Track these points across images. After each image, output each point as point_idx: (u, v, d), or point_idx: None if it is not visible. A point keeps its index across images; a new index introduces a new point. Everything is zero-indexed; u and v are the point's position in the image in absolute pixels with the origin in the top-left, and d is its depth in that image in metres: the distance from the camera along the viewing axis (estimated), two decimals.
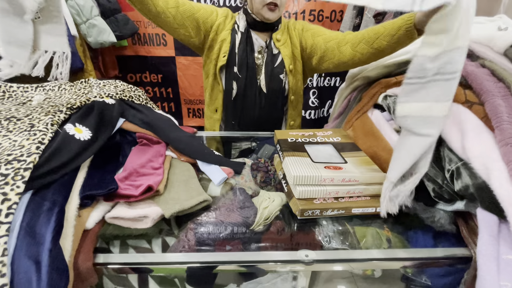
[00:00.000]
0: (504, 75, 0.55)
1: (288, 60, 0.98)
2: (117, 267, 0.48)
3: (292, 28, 0.99)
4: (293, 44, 0.98)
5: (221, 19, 0.96)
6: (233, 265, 0.51)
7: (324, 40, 0.91)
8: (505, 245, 0.46)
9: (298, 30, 0.98)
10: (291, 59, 0.99)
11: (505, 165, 0.45)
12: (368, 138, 0.75)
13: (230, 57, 0.95)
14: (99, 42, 1.21)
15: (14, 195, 0.42)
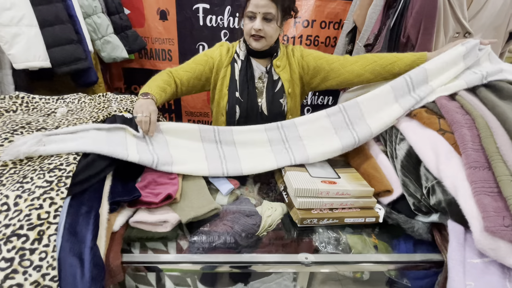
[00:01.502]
0: (470, 110, 0.66)
1: (287, 84, 1.08)
2: (142, 265, 0.54)
3: (291, 54, 1.10)
4: (292, 69, 1.09)
5: (217, 59, 1.04)
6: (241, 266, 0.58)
7: (327, 62, 1.03)
8: (470, 251, 0.55)
9: (297, 57, 1.09)
10: (289, 83, 1.09)
11: (469, 184, 0.56)
12: (358, 156, 0.84)
13: (232, 84, 1.03)
14: (112, 57, 1.29)
15: (59, 199, 0.49)
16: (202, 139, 0.82)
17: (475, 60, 0.81)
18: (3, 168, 0.55)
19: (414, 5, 1.04)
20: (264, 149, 0.83)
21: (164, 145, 0.77)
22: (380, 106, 0.81)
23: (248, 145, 0.84)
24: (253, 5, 0.93)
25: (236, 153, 0.82)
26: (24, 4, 0.88)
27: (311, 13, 1.64)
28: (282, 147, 0.83)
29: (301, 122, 0.84)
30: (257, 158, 0.81)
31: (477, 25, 1.05)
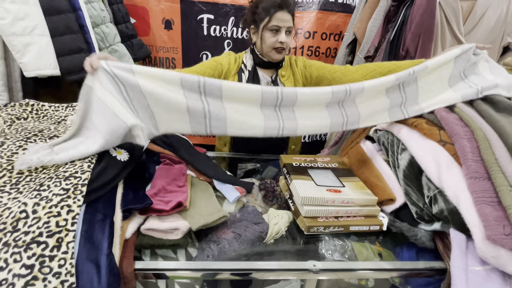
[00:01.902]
0: (469, 122, 0.69)
1: None
2: (154, 272, 0.55)
3: (295, 64, 1.14)
4: (296, 78, 1.12)
5: (226, 67, 1.08)
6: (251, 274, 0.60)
7: (329, 71, 1.06)
8: (472, 259, 0.57)
9: (300, 67, 1.13)
10: None
11: (470, 194, 0.58)
12: (361, 165, 0.87)
13: None
14: None
15: (76, 207, 0.50)
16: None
17: (466, 63, 0.83)
18: (19, 176, 0.56)
19: (412, 20, 1.08)
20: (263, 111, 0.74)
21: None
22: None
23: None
24: (278, 20, 0.99)
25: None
26: (37, 14, 0.90)
27: (312, 25, 1.69)
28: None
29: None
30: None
31: (472, 40, 1.09)
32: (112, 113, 0.61)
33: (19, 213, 0.47)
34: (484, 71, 0.86)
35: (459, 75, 0.84)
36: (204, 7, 1.64)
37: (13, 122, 0.78)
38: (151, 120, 0.68)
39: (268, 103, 0.71)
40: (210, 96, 0.67)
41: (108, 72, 0.62)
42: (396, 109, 0.82)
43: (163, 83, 0.64)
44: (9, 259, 0.42)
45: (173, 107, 0.66)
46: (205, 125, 0.69)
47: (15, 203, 0.49)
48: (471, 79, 0.84)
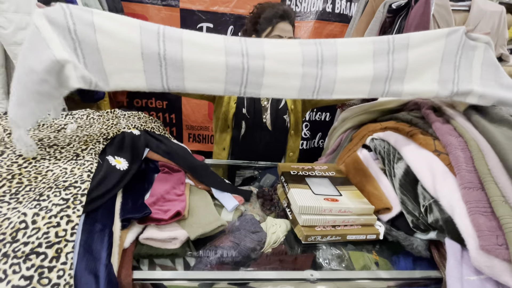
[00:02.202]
0: (463, 132, 0.71)
1: (290, 101, 1.14)
2: (152, 282, 0.56)
3: None
4: None
5: None
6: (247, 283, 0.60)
7: None
8: (467, 268, 0.58)
9: None
10: (292, 100, 1.15)
11: (464, 204, 0.59)
12: (358, 174, 0.88)
13: (239, 101, 1.09)
14: None
15: (75, 217, 0.50)
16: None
17: (459, 46, 0.71)
18: (19, 185, 0.56)
19: (407, 31, 1.11)
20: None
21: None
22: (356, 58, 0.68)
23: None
24: (280, 30, 1.01)
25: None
26: None
27: (309, 34, 1.72)
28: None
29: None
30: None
31: None
32: (45, 45, 0.53)
33: (18, 223, 0.47)
34: (476, 64, 0.74)
35: (453, 61, 0.72)
36: (203, 16, 1.66)
37: None
38: (100, 73, 0.59)
39: (234, 52, 0.61)
40: (169, 41, 0.59)
41: (63, 8, 0.55)
42: (379, 84, 0.70)
43: (121, 25, 0.58)
44: (8, 270, 0.42)
45: (126, 52, 0.58)
46: (161, 76, 0.60)
47: (15, 213, 0.49)
48: (461, 73, 0.73)
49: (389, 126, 0.90)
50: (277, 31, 1.00)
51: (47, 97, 0.58)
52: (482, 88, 0.74)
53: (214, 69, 0.61)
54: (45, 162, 0.63)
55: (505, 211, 0.53)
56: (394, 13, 1.20)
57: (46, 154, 0.66)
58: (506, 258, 0.50)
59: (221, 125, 1.15)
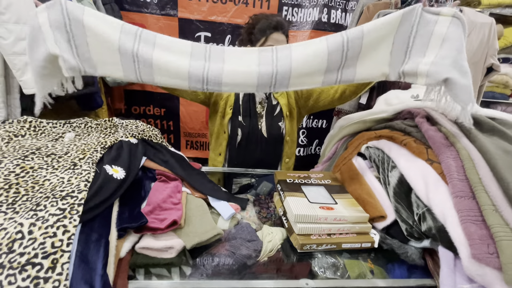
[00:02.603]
0: (454, 141, 0.72)
1: (285, 108, 1.15)
2: None
3: None
4: (289, 94, 1.17)
5: None
6: None
7: (320, 90, 1.11)
8: (460, 277, 0.59)
9: None
10: (287, 107, 1.16)
11: (456, 213, 0.60)
12: (353, 181, 0.89)
13: (235, 108, 1.10)
14: (116, 81, 1.34)
15: (72, 227, 0.51)
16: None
17: (410, 23, 0.67)
18: (15, 195, 0.57)
19: None
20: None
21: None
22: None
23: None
24: (273, 40, 1.04)
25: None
26: None
27: None
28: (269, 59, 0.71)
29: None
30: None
31: None
32: (43, 39, 0.67)
33: (15, 233, 0.47)
34: (434, 40, 0.66)
35: (406, 42, 0.69)
36: (201, 25, 1.69)
37: (10, 139, 0.79)
38: (89, 60, 0.71)
39: (198, 57, 0.70)
40: (143, 42, 0.68)
41: (62, 4, 0.66)
42: (332, 74, 0.73)
43: (105, 25, 0.68)
44: (4, 281, 0.42)
45: (107, 47, 0.69)
46: (134, 70, 0.71)
47: (11, 224, 0.49)
48: (413, 53, 0.69)
49: (383, 134, 0.92)
50: (271, 41, 1.03)
51: (49, 76, 0.74)
52: (428, 67, 0.67)
53: (178, 68, 0.70)
54: (42, 172, 0.64)
55: (496, 220, 0.54)
56: None
57: (44, 163, 0.67)
58: (497, 266, 0.51)
59: (217, 131, 1.16)
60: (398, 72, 0.72)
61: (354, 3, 1.72)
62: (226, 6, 1.66)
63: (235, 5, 1.65)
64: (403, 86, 1.18)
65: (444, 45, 0.66)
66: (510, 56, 1.86)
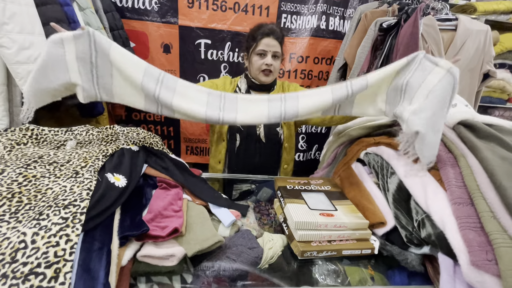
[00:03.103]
0: (452, 148, 0.73)
1: None
2: None
3: (287, 88, 1.20)
4: None
5: (221, 88, 1.16)
6: None
7: None
8: (459, 283, 0.59)
9: (292, 91, 1.19)
10: None
11: (454, 219, 0.61)
12: (353, 188, 0.90)
13: None
14: None
15: (74, 236, 0.51)
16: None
17: (411, 70, 0.71)
18: (18, 204, 0.57)
19: (398, 49, 1.16)
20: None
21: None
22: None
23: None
24: (264, 45, 1.07)
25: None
26: (42, 43, 0.94)
27: (304, 50, 1.77)
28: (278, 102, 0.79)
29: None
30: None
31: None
32: (66, 67, 0.70)
33: (18, 243, 0.47)
34: (423, 90, 0.69)
35: (401, 85, 0.73)
36: (201, 32, 1.71)
37: (13, 147, 0.80)
38: (109, 91, 0.75)
39: (214, 107, 0.78)
40: (164, 88, 0.74)
41: (90, 36, 0.70)
42: (330, 110, 0.82)
43: (130, 63, 0.73)
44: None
45: (131, 82, 0.74)
46: (156, 108, 0.77)
47: (14, 233, 0.50)
48: (405, 98, 0.72)
49: (382, 141, 0.93)
50: (261, 46, 1.07)
51: (54, 95, 0.76)
52: (409, 114, 0.70)
53: (196, 114, 0.77)
54: (44, 180, 0.64)
55: (494, 226, 0.55)
56: (385, 31, 1.25)
57: (46, 171, 0.67)
58: (496, 273, 0.51)
59: (216, 139, 1.17)
60: (393, 112, 0.77)
61: (352, 10, 1.75)
62: (226, 14, 1.68)
63: (234, 13, 1.68)
64: None
65: (429, 96, 0.68)
66: (506, 61, 1.89)
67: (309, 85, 1.83)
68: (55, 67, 0.70)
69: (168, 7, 1.65)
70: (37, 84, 0.72)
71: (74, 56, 0.70)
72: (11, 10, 0.89)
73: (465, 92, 1.22)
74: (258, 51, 1.08)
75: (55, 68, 0.70)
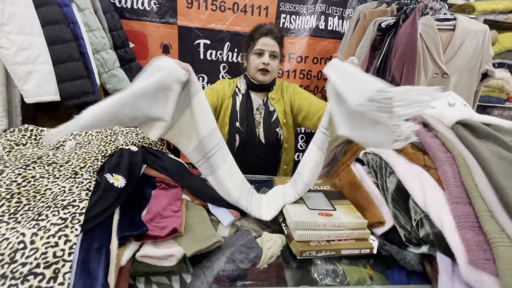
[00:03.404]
0: (451, 148, 0.73)
1: (281, 115, 1.17)
2: None
3: (285, 89, 1.20)
4: (285, 102, 1.18)
5: (222, 91, 1.16)
6: None
7: (308, 104, 1.12)
8: (458, 283, 0.59)
9: (290, 92, 1.19)
10: (283, 114, 1.18)
11: (452, 219, 0.61)
12: (352, 187, 0.90)
13: (233, 115, 1.12)
14: (117, 89, 1.36)
15: (73, 236, 0.51)
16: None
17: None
18: (17, 204, 0.57)
19: (397, 49, 1.16)
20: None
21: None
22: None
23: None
24: (262, 44, 1.07)
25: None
26: (40, 44, 0.95)
27: (303, 50, 1.77)
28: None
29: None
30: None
31: (453, 67, 1.17)
32: (166, 103, 0.67)
33: (17, 244, 0.48)
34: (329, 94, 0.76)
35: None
36: (200, 33, 1.72)
37: (12, 148, 0.80)
38: (169, 125, 0.72)
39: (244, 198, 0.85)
40: (219, 154, 0.80)
41: (190, 74, 0.73)
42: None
43: (205, 118, 0.76)
44: None
45: (192, 134, 0.77)
46: (198, 162, 0.82)
47: (13, 234, 0.50)
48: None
49: None
50: (259, 45, 1.08)
51: (130, 121, 0.67)
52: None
53: (230, 195, 0.83)
54: (44, 181, 0.64)
55: (492, 226, 0.55)
56: (383, 31, 1.25)
57: (45, 172, 0.67)
58: (494, 272, 0.51)
59: None
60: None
61: (351, 10, 1.75)
62: (225, 14, 1.68)
63: (233, 13, 1.68)
64: None
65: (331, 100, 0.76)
66: (505, 61, 1.89)
67: (308, 85, 1.83)
68: (155, 95, 0.64)
69: (167, 7, 1.65)
70: (127, 108, 0.62)
71: (177, 94, 0.69)
72: (10, 11, 0.89)
73: (464, 92, 1.22)
74: (256, 50, 1.08)
75: (155, 97, 0.64)
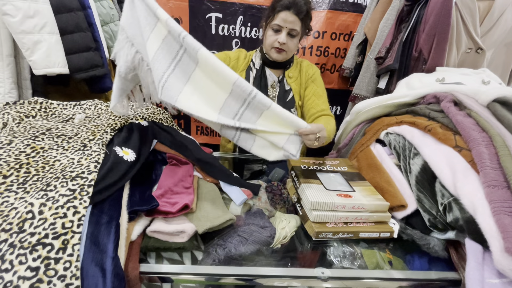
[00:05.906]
0: (487, 127, 0.66)
1: (297, 96, 1.10)
2: (159, 276, 0.55)
3: (304, 70, 1.11)
4: (301, 82, 1.11)
5: (234, 62, 1.08)
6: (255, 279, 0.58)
7: (311, 103, 1.06)
8: (488, 271, 0.55)
9: (309, 75, 1.11)
10: (299, 95, 1.11)
11: (487, 203, 0.55)
12: (371, 169, 0.85)
13: None
14: None
15: (82, 208, 0.49)
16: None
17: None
18: (26, 175, 0.56)
19: (427, 20, 1.05)
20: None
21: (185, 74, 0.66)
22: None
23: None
24: (281, 19, 0.95)
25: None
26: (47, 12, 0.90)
27: (321, 25, 1.66)
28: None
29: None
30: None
31: (489, 42, 1.06)
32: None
33: (25, 213, 0.46)
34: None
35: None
36: (212, 5, 1.62)
37: (21, 120, 0.78)
38: (179, 89, 0.65)
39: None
40: (245, 119, 0.68)
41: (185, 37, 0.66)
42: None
43: (219, 71, 0.63)
44: (15, 260, 0.41)
45: (211, 98, 0.66)
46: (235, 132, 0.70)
47: (22, 203, 0.48)
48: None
49: (405, 120, 0.86)
50: (277, 20, 0.96)
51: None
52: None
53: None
54: (52, 152, 0.62)
55: None
56: (412, 0, 1.14)
57: (54, 144, 0.65)
58: None
59: None
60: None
61: None
62: None
63: None
64: (426, 69, 1.10)
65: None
66: None
67: (324, 63, 1.73)
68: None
69: None
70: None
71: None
72: None
73: (499, 69, 1.11)
74: (273, 26, 0.98)
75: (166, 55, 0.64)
